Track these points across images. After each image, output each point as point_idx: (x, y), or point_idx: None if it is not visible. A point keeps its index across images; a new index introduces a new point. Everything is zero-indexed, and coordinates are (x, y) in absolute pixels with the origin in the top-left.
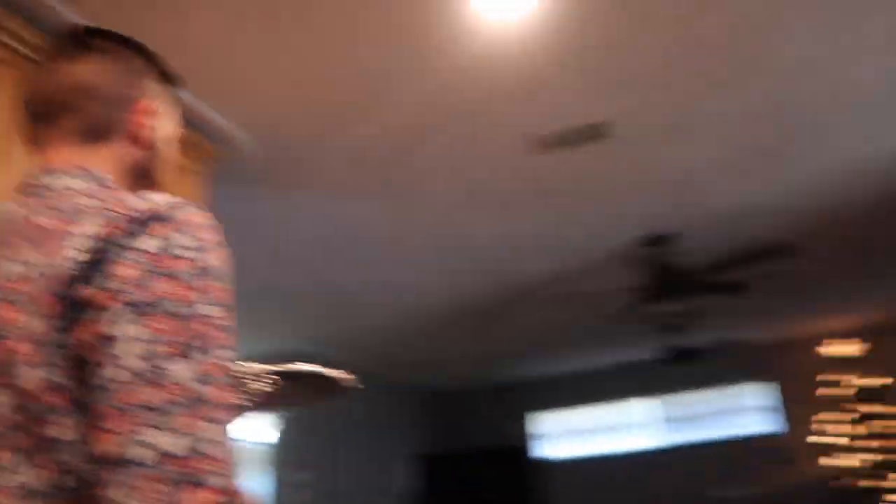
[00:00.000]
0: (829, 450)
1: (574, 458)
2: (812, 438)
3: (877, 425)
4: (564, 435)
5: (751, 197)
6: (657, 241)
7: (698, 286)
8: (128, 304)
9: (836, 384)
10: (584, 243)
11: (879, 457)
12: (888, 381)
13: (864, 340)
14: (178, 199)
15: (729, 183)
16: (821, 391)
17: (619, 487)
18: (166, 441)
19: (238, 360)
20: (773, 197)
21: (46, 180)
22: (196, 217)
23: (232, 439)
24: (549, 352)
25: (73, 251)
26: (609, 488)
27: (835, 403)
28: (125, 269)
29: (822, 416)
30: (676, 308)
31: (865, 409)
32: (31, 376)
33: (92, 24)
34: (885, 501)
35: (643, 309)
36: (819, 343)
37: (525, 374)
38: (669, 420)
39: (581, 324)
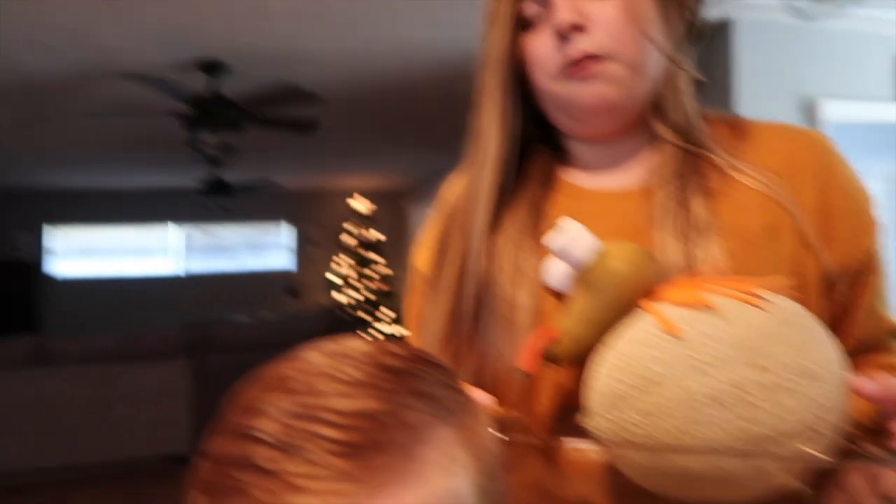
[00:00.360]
0: (336, 287)
1: (90, 278)
2: (324, 275)
3: (372, 270)
4: (82, 253)
5: (309, 45)
6: (208, 68)
7: (253, 119)
8: None
9: (350, 233)
10: (140, 56)
11: (372, 295)
12: (383, 237)
13: (374, 202)
14: None
15: (291, 26)
16: (339, 238)
17: (135, 311)
18: None
19: None
20: (329, 53)
21: None
22: None
23: None
24: (77, 163)
25: None
26: (124, 311)
27: (345, 249)
28: None
29: (335, 258)
30: (219, 140)
31: (365, 255)
32: None
33: None
34: (374, 328)
35: (186, 135)
36: (342, 196)
37: (46, 182)
38: (192, 249)
39: (118, 139)
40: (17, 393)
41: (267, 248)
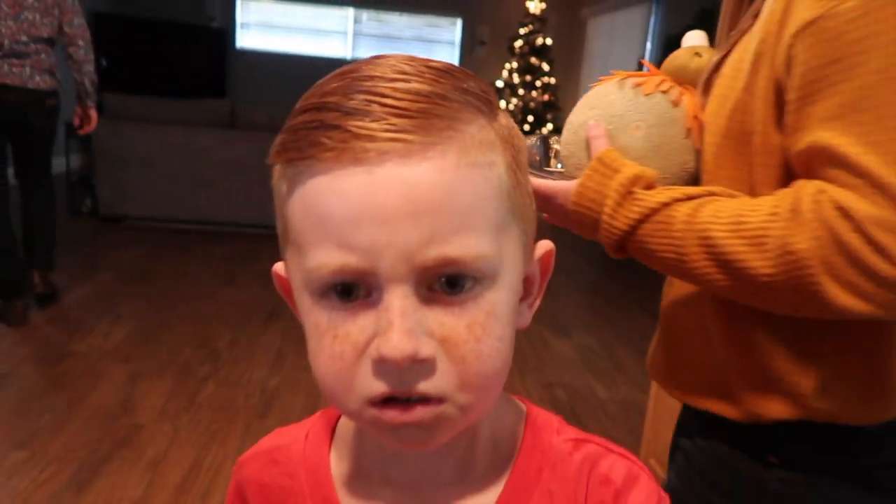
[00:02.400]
0: (499, 92)
1: (270, 52)
2: (488, 79)
3: (538, 79)
4: (265, 27)
5: None
6: None
7: None
8: None
9: (521, 37)
10: None
11: (533, 104)
12: (550, 42)
13: (550, 5)
14: None
15: None
16: (510, 41)
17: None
18: None
19: None
20: None
21: None
22: None
23: None
24: None
25: None
26: (296, 87)
27: (513, 54)
28: None
29: (503, 64)
30: None
31: (532, 63)
32: None
33: None
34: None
35: None
36: None
37: None
38: (361, 34)
39: None
40: (214, 150)
41: (435, 42)
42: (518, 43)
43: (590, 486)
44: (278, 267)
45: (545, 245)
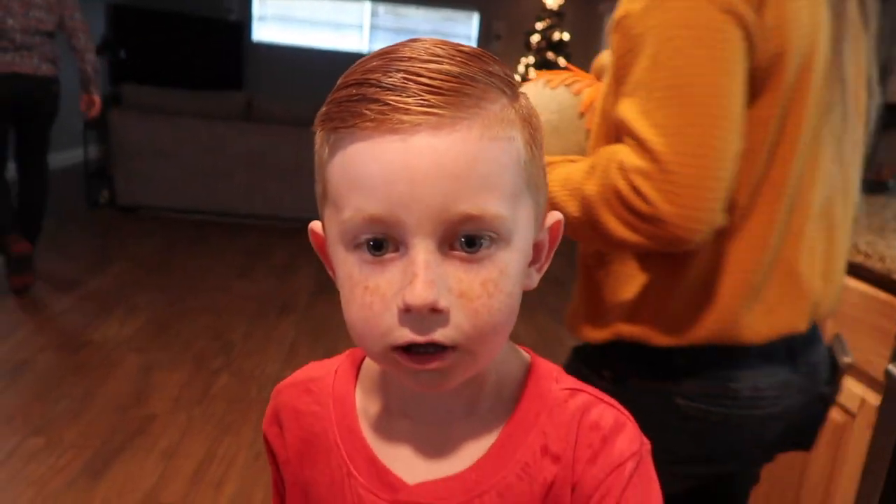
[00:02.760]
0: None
1: (287, 45)
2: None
3: None
4: (282, 20)
5: None
6: None
7: None
8: None
9: (538, 32)
10: None
11: None
12: (568, 36)
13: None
14: None
15: None
16: (526, 36)
17: (323, 82)
18: None
19: None
20: None
21: None
22: None
23: None
24: None
25: None
26: (313, 81)
27: (529, 49)
28: None
29: (522, 60)
30: None
31: (548, 59)
32: None
33: None
34: None
35: None
36: None
37: None
38: (377, 28)
39: None
40: (230, 142)
41: (451, 37)
42: (535, 38)
43: (580, 431)
44: (314, 225)
45: (555, 215)
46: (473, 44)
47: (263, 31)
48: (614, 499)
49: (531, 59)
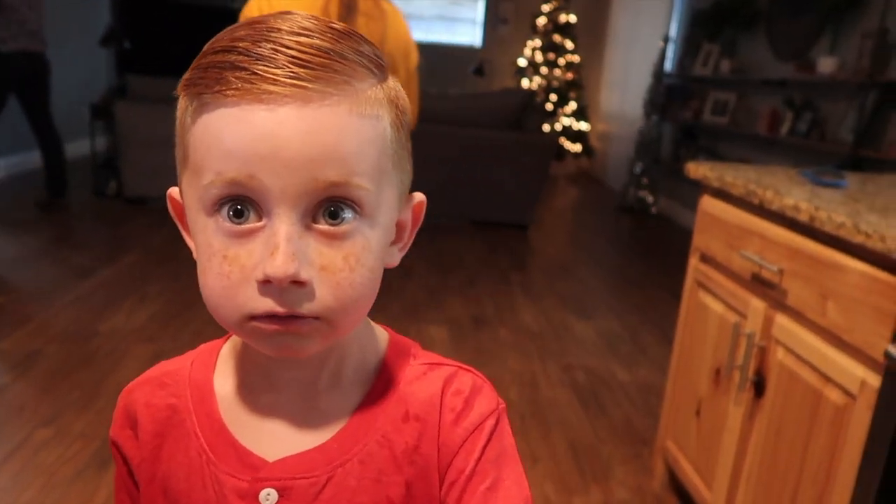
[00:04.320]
0: (522, 71)
1: None
2: (511, 58)
3: (561, 57)
4: None
5: None
6: None
7: None
8: None
9: (545, 14)
10: None
11: (556, 83)
12: (574, 18)
13: None
14: None
15: None
16: (532, 18)
17: None
18: None
19: None
20: None
21: None
22: None
23: None
24: None
25: None
26: None
27: (536, 32)
28: None
29: (528, 43)
30: None
31: (555, 42)
32: None
33: None
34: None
35: None
36: None
37: None
38: None
39: None
40: None
41: (458, 21)
42: (541, 20)
43: (444, 397)
44: (173, 191)
45: (418, 196)
46: (480, 28)
47: None
48: (477, 453)
49: (538, 42)
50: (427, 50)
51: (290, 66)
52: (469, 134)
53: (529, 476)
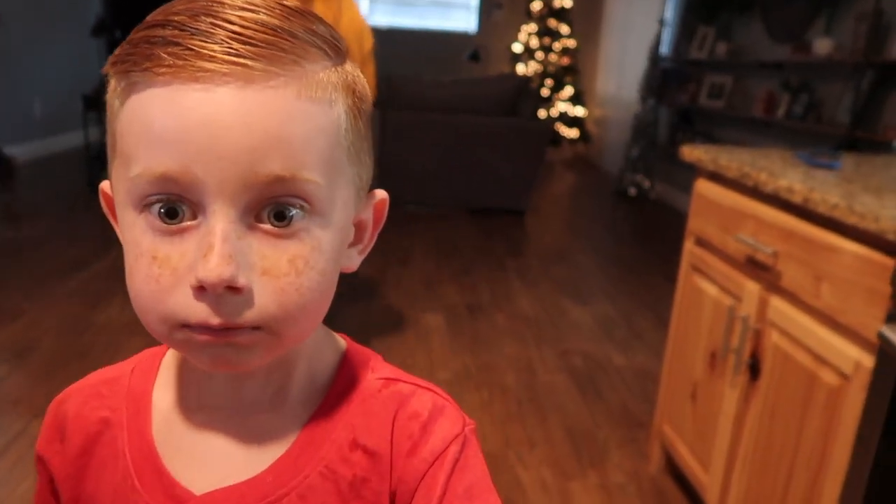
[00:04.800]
0: (517, 57)
1: None
2: (506, 44)
3: (557, 42)
4: None
5: None
6: None
7: None
8: None
9: None
10: None
11: (551, 68)
12: (570, 3)
13: None
14: None
15: None
16: (527, 3)
17: None
18: None
19: None
20: None
21: None
22: None
23: None
24: None
25: None
26: None
27: (531, 16)
28: None
29: (524, 28)
30: None
31: (550, 27)
32: None
33: None
34: (553, 104)
35: None
36: None
37: None
38: (377, 0)
39: None
40: None
41: (452, 6)
42: (536, 5)
43: (397, 422)
44: (105, 184)
45: (380, 193)
46: (475, 13)
47: None
48: (440, 488)
49: (533, 27)
50: (422, 36)
51: (229, 41)
52: (464, 120)
53: (527, 461)
